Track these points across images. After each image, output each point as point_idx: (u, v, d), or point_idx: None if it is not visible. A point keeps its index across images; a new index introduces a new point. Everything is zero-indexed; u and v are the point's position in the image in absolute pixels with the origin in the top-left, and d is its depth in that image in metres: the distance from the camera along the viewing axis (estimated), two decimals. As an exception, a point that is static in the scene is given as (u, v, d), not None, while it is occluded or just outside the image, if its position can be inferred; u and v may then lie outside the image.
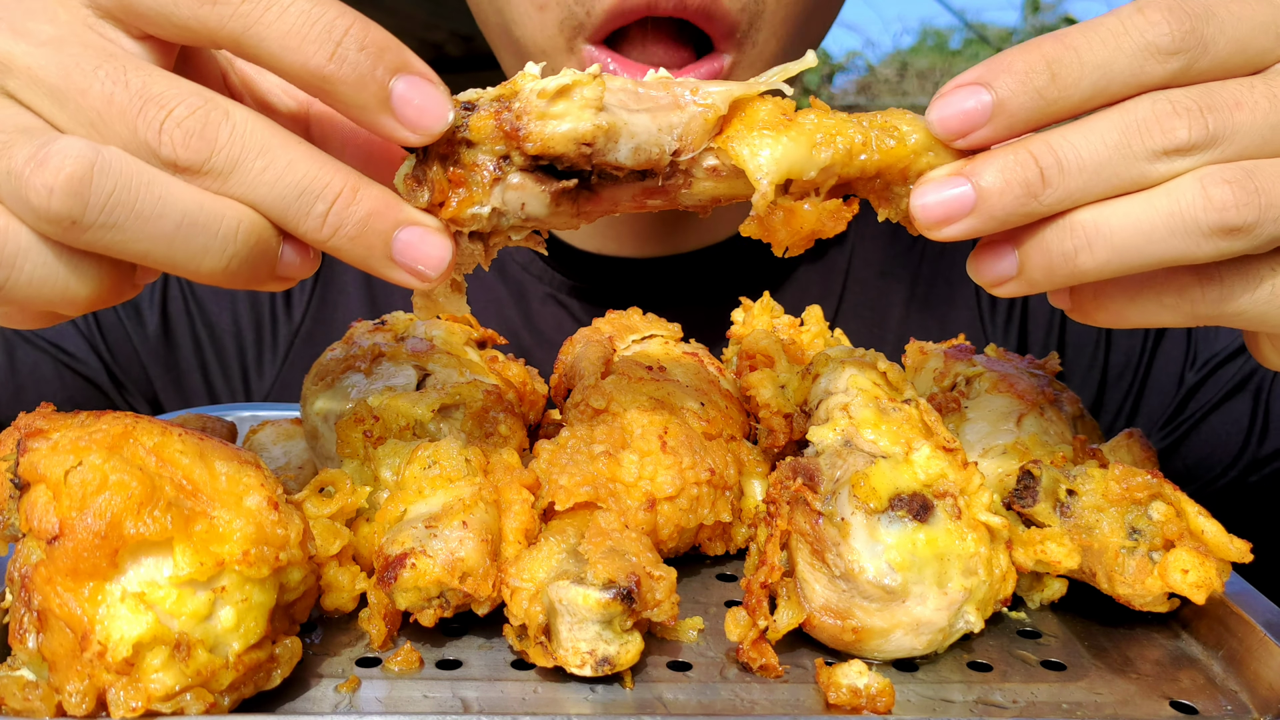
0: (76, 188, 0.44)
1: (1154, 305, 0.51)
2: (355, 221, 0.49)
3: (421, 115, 0.48)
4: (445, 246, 0.50)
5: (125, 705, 0.45)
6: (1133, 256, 0.48)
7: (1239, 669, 0.56)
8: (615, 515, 0.59)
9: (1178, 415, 1.06)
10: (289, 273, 0.51)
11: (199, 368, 1.11)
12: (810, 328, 0.77)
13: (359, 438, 0.63)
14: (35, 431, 0.50)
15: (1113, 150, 0.48)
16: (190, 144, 0.46)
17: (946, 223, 0.50)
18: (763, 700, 0.52)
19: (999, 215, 0.49)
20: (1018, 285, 0.51)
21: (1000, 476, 0.65)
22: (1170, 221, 0.47)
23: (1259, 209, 0.46)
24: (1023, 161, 0.48)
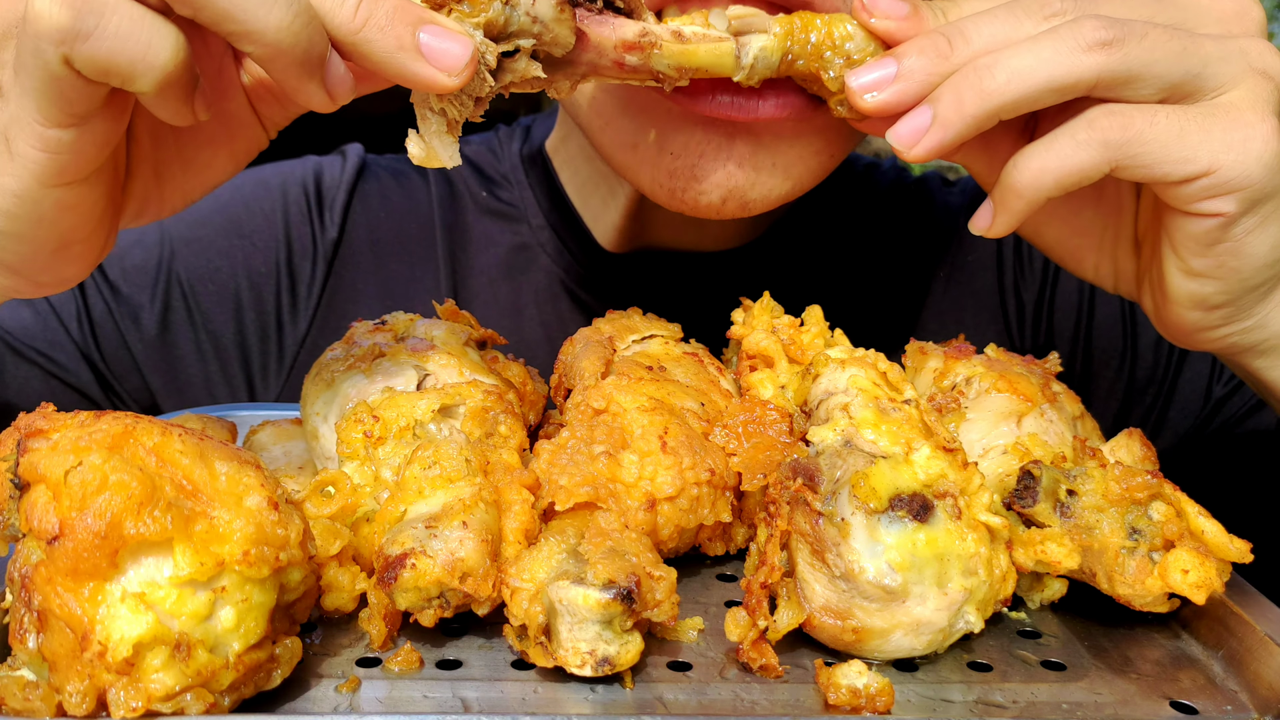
0: None
1: (1068, 143, 0.58)
2: (384, 12, 0.53)
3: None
4: (467, 44, 0.55)
5: (125, 705, 0.45)
6: (1029, 77, 0.58)
7: (1239, 669, 0.56)
8: (615, 515, 0.59)
9: (1204, 429, 1.05)
10: (335, 80, 0.55)
11: (201, 377, 1.08)
12: (810, 328, 0.77)
13: (359, 438, 0.63)
14: (35, 431, 0.50)
15: (1003, 22, 0.60)
16: None
17: (876, 89, 0.62)
18: (763, 700, 0.52)
19: (919, 77, 0.60)
20: (933, 134, 0.60)
21: (1000, 476, 0.65)
22: (1053, 44, 0.57)
23: (1123, 30, 0.57)
24: (934, 38, 0.61)
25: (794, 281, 1.11)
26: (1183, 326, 0.65)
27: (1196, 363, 1.07)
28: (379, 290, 1.12)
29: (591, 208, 1.09)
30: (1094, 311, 1.09)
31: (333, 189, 1.13)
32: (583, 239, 1.09)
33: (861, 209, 1.16)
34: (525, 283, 1.11)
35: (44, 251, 0.60)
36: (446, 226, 1.12)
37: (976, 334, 1.10)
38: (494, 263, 1.12)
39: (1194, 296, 0.63)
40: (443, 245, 1.12)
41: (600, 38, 0.61)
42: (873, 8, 0.63)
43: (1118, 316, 1.09)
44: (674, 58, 0.63)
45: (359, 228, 1.13)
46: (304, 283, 1.10)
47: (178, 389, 1.09)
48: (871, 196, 1.16)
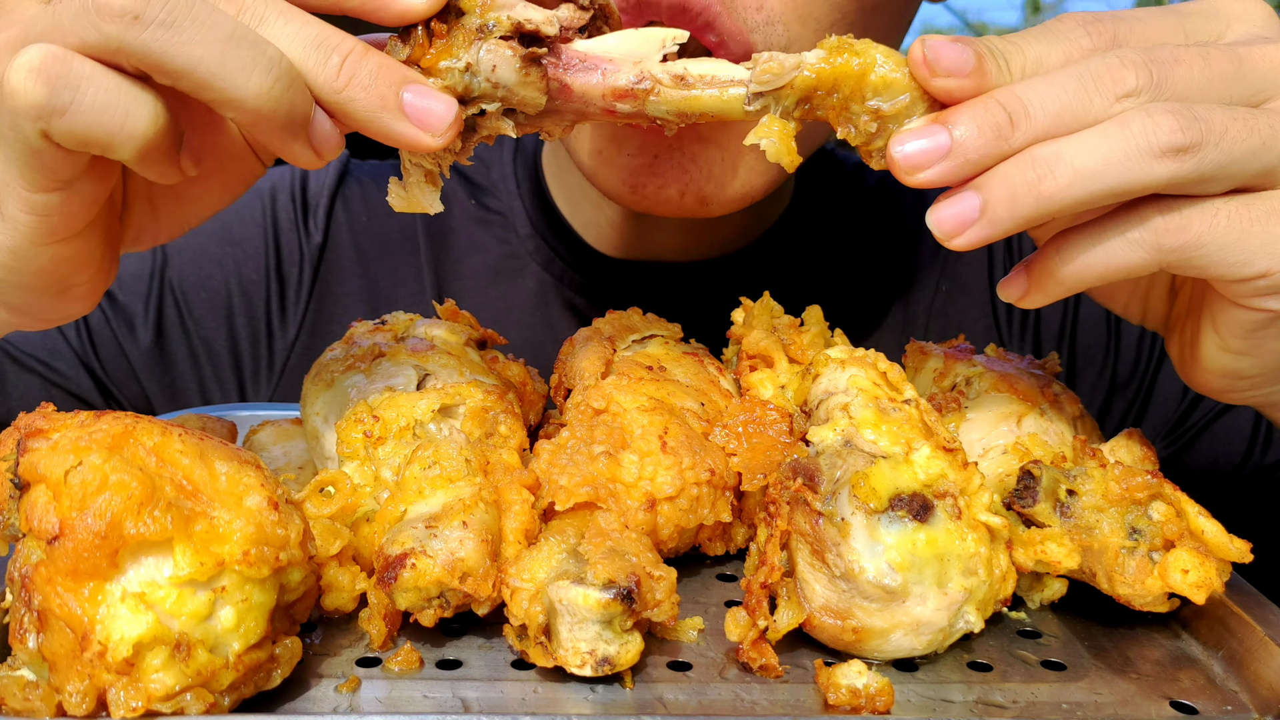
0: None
1: (1118, 241, 0.54)
2: (368, 72, 0.53)
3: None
4: (450, 104, 0.54)
5: (125, 705, 0.45)
6: (1091, 181, 0.52)
7: (1239, 669, 0.56)
8: (615, 515, 0.59)
9: (1182, 423, 1.06)
10: (321, 138, 0.54)
11: (196, 382, 1.10)
12: (810, 328, 0.77)
13: (359, 438, 0.63)
14: (35, 431, 0.50)
15: (1072, 96, 0.53)
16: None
17: (924, 167, 0.54)
18: (763, 700, 0.52)
19: (972, 156, 0.53)
20: (979, 228, 0.54)
21: (1000, 476, 0.65)
22: (1123, 144, 0.52)
23: (1201, 132, 0.51)
24: (992, 108, 0.53)
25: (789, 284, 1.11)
26: (1208, 387, 0.63)
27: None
28: (364, 294, 1.13)
29: (583, 214, 1.10)
30: (1079, 308, 1.11)
31: (317, 194, 1.14)
32: (574, 246, 1.10)
33: (853, 209, 1.16)
34: (514, 288, 1.12)
35: (46, 295, 0.60)
36: (430, 232, 1.13)
37: (966, 329, 1.12)
38: (481, 268, 1.13)
39: (1227, 369, 0.60)
40: (426, 250, 1.13)
41: (585, 87, 0.57)
42: (936, 63, 0.54)
43: (1103, 314, 1.10)
44: (673, 104, 0.57)
45: (342, 232, 1.14)
46: (292, 288, 1.12)
47: (173, 395, 1.10)
48: (861, 196, 1.17)
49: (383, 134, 0.54)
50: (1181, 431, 1.05)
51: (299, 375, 1.08)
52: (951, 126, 0.53)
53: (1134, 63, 0.53)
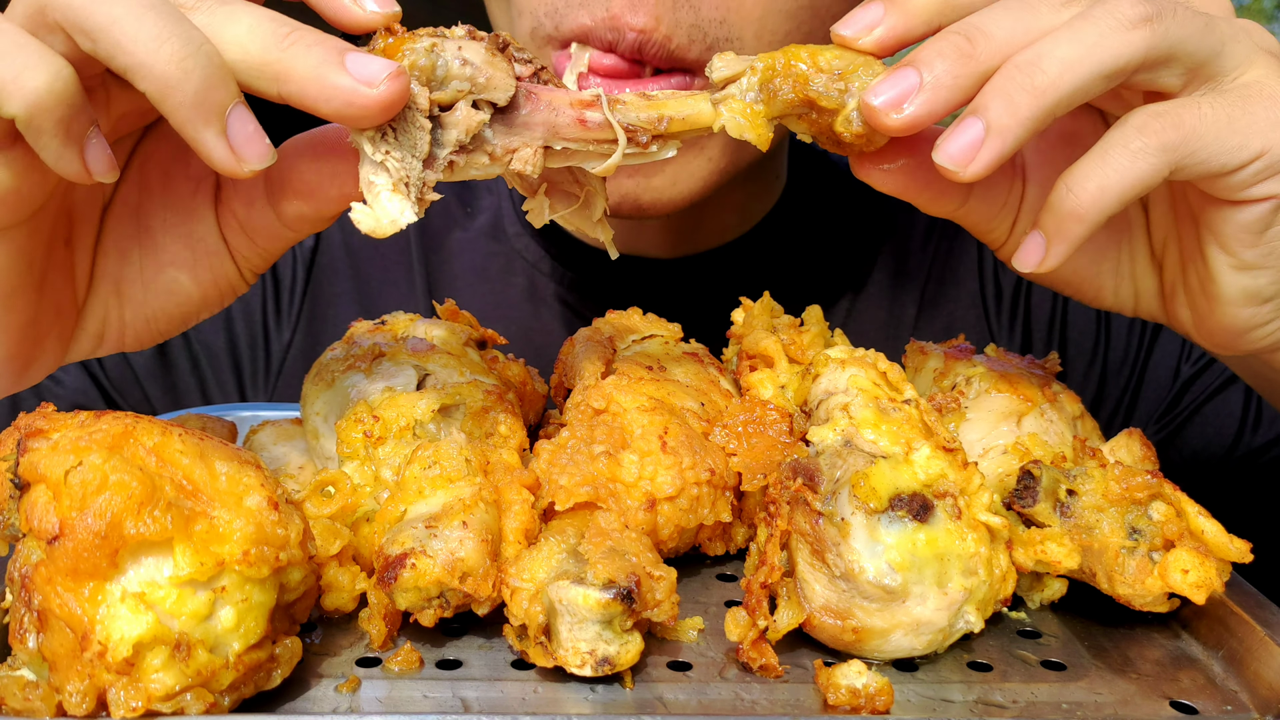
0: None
1: (1125, 156, 0.54)
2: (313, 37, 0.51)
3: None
4: (392, 65, 0.52)
5: (125, 705, 0.45)
6: (1079, 68, 0.52)
7: (1239, 669, 0.56)
8: (615, 515, 0.59)
9: (1174, 408, 1.07)
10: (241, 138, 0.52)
11: (197, 386, 1.11)
12: (810, 328, 0.77)
13: (359, 438, 0.63)
14: (35, 431, 0.50)
15: (1017, 14, 0.54)
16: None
17: (900, 104, 0.53)
18: (763, 700, 0.52)
19: (945, 81, 0.53)
20: (990, 146, 0.53)
21: (1000, 476, 0.65)
22: (1095, 28, 0.52)
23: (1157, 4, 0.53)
24: (947, 36, 0.54)
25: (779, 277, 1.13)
26: (1234, 327, 0.62)
27: (1166, 343, 1.09)
28: (356, 295, 1.14)
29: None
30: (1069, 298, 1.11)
31: None
32: (563, 244, 1.12)
33: (841, 202, 1.17)
34: (505, 286, 1.13)
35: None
36: (420, 232, 1.15)
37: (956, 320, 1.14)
38: (471, 268, 1.14)
39: (1247, 291, 0.59)
40: (417, 250, 1.14)
41: (552, 96, 0.57)
42: (849, 23, 0.56)
43: None
44: (641, 109, 0.58)
45: (334, 234, 1.15)
46: (286, 291, 1.13)
47: (174, 399, 1.12)
48: (850, 190, 1.18)
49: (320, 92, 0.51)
50: (1173, 416, 1.06)
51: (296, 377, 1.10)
52: (918, 64, 0.54)
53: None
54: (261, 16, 0.51)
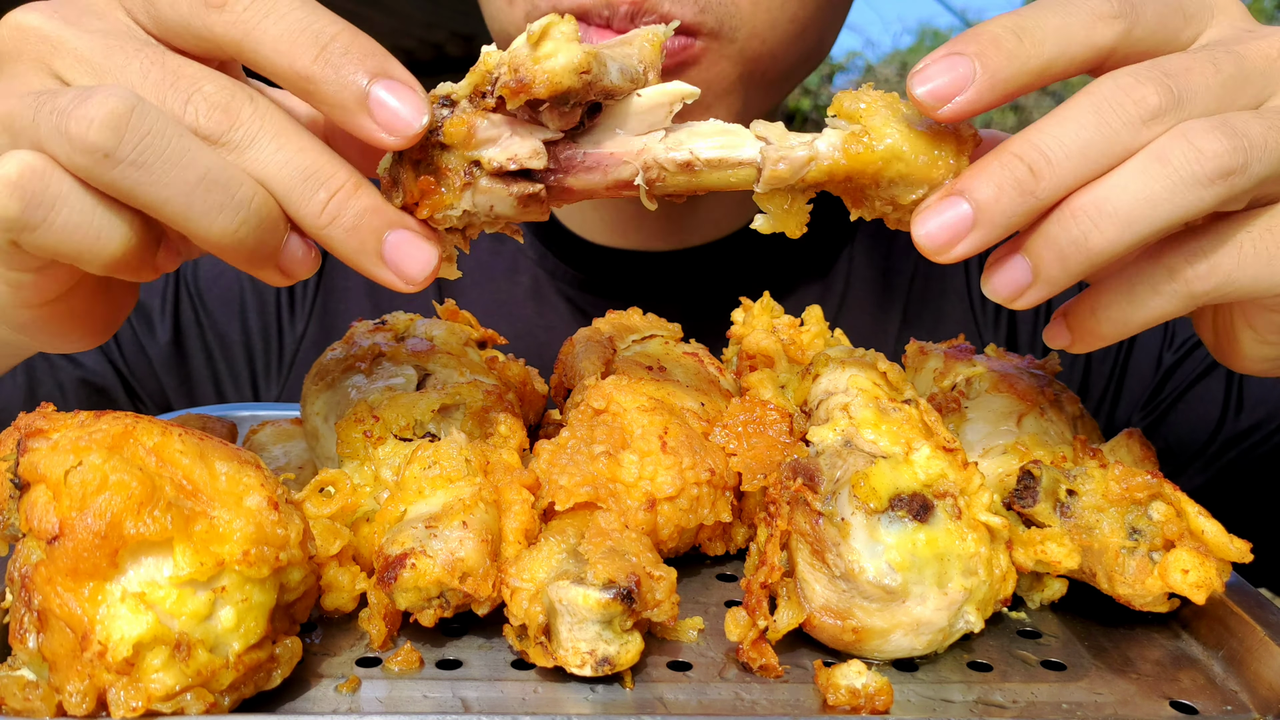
0: (115, 123, 0.47)
1: (1151, 295, 0.52)
2: (353, 213, 0.52)
3: (395, 118, 0.51)
4: (431, 252, 0.53)
5: (125, 705, 0.45)
6: (1141, 225, 0.49)
7: (1239, 669, 0.56)
8: (615, 515, 0.59)
9: (1156, 395, 1.08)
10: (291, 264, 0.54)
11: (210, 377, 1.13)
12: (810, 328, 0.77)
13: (359, 438, 0.63)
14: (35, 431, 0.50)
15: (1092, 130, 0.49)
16: (213, 115, 0.50)
17: (954, 243, 0.51)
18: (763, 700, 0.52)
19: (1000, 221, 0.50)
20: (1036, 290, 0.52)
21: (1000, 476, 0.65)
22: (1167, 180, 0.48)
23: (1246, 150, 0.48)
24: (1008, 163, 0.50)
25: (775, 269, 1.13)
26: (1249, 369, 0.62)
27: (1148, 332, 1.10)
28: (367, 288, 1.15)
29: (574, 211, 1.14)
30: None
31: None
32: (566, 242, 1.13)
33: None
34: (511, 284, 1.15)
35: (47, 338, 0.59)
36: None
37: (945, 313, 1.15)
38: (477, 266, 1.16)
39: (1266, 357, 0.59)
40: None
41: (588, 185, 0.56)
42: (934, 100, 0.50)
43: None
44: (681, 186, 0.56)
45: None
46: (300, 283, 1.13)
47: (189, 390, 1.13)
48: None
49: (361, 272, 0.54)
50: (1157, 403, 1.07)
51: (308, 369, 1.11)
52: (969, 193, 0.50)
53: (1150, 78, 0.50)
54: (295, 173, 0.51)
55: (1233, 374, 1.03)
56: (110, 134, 0.47)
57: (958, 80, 0.50)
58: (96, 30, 0.52)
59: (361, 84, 0.50)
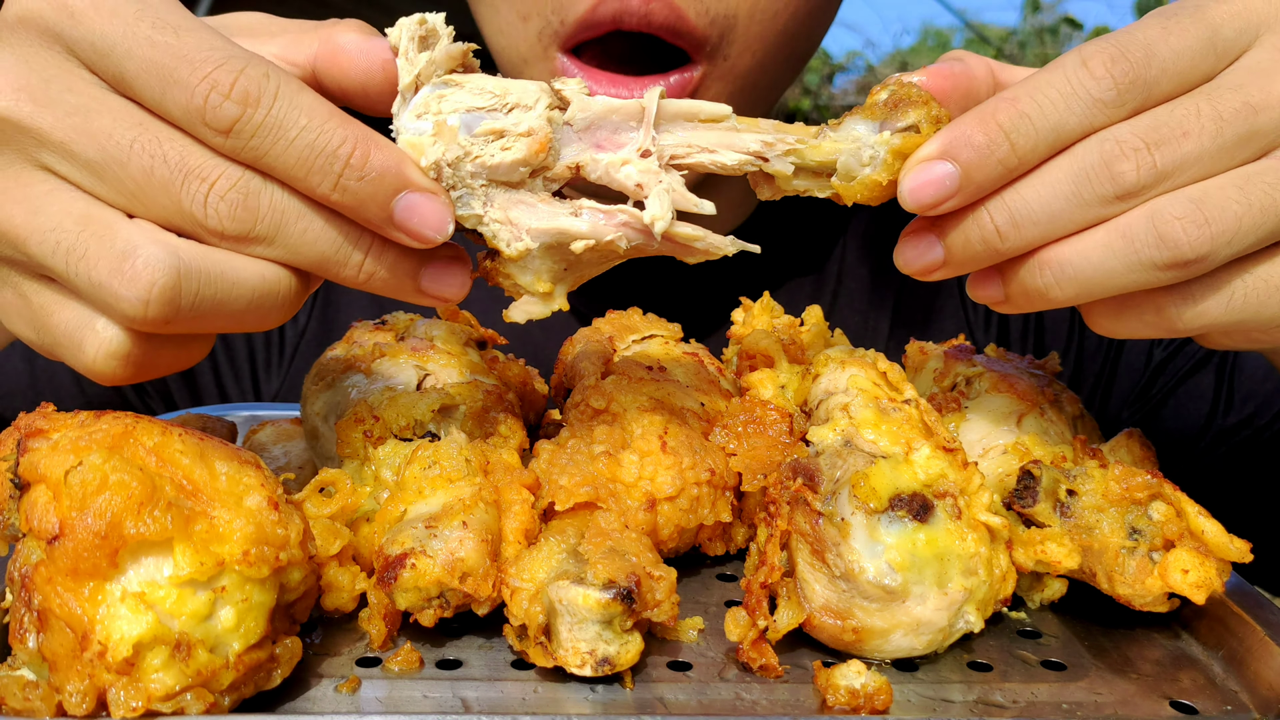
0: (170, 297, 0.48)
1: (1137, 323, 0.54)
2: (388, 267, 0.54)
3: (422, 229, 0.52)
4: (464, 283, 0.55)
5: (125, 705, 0.45)
6: (1098, 289, 0.52)
7: (1239, 669, 0.56)
8: (615, 515, 0.59)
9: (1148, 391, 1.08)
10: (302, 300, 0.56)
11: (212, 371, 1.13)
12: (810, 328, 0.77)
13: (359, 438, 0.63)
14: (35, 431, 0.50)
15: (1064, 201, 0.51)
16: (235, 215, 0.49)
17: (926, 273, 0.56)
18: (763, 700, 0.52)
19: (966, 265, 0.55)
20: (1008, 305, 0.56)
21: (1000, 476, 0.65)
22: (1127, 260, 0.50)
23: (1210, 239, 0.49)
24: (981, 221, 0.53)
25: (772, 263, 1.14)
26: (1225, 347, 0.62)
27: None
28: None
29: None
30: None
31: None
32: None
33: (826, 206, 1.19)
34: None
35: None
36: None
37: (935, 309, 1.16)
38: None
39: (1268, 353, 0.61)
40: None
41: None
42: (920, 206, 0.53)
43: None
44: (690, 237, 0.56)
45: None
46: None
47: (190, 385, 1.13)
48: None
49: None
50: (1148, 398, 1.08)
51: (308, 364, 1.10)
52: (943, 234, 0.54)
53: (1134, 150, 0.50)
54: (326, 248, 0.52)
55: (1223, 369, 1.04)
56: (166, 309, 0.48)
57: (943, 194, 0.53)
58: (75, 111, 0.48)
59: (383, 205, 0.51)
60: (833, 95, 8.74)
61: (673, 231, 0.54)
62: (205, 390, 1.13)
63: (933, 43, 10.48)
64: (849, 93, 8.99)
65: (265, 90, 0.48)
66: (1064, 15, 9.45)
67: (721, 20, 0.90)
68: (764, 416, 0.67)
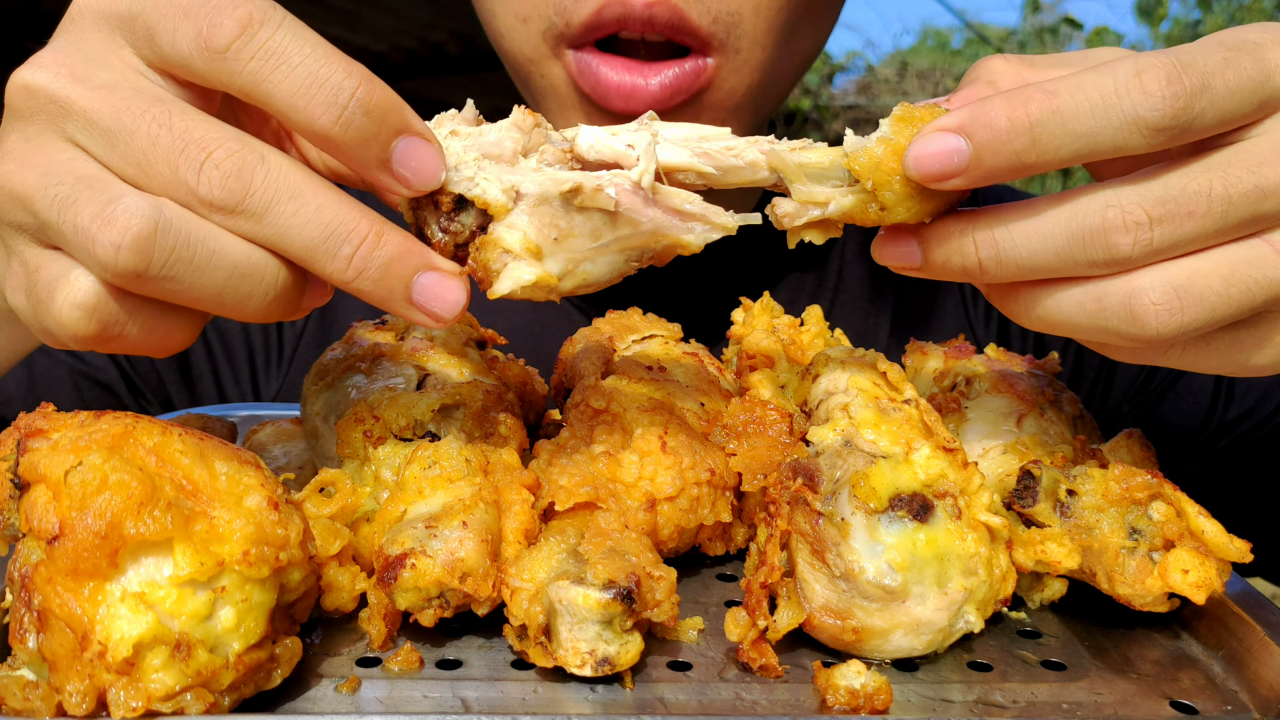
0: (142, 245, 0.48)
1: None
2: (378, 265, 0.52)
3: (417, 174, 0.52)
4: (460, 290, 0.53)
5: (125, 705, 0.45)
6: (1060, 330, 0.53)
7: (1239, 669, 0.56)
8: (615, 515, 0.59)
9: (1147, 385, 1.09)
10: (311, 304, 0.55)
11: (210, 373, 1.13)
12: (810, 328, 0.77)
13: (359, 438, 0.63)
14: (35, 431, 0.50)
15: (1054, 255, 0.51)
16: (227, 185, 0.49)
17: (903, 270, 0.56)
18: (763, 700, 0.52)
19: (939, 275, 0.55)
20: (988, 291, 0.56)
21: (1000, 476, 0.65)
22: (1095, 321, 0.51)
23: (1179, 327, 0.49)
24: (965, 251, 0.53)
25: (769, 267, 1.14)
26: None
27: None
28: None
29: None
30: None
31: None
32: None
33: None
34: None
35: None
36: None
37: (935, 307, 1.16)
38: None
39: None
40: None
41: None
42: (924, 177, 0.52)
43: None
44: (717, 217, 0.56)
45: None
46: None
47: (188, 386, 1.13)
48: None
49: (393, 314, 0.55)
50: (1147, 393, 1.08)
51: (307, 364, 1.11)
52: (926, 249, 0.54)
53: (1136, 225, 0.49)
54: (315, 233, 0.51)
55: None
56: (139, 257, 0.48)
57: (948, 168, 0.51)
58: (104, 86, 0.50)
59: (383, 145, 0.50)
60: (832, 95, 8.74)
61: (664, 191, 0.53)
62: (204, 391, 1.13)
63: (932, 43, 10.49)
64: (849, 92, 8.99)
65: (270, 18, 0.49)
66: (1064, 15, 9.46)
67: (725, 17, 0.90)
68: (764, 417, 0.67)
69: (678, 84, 0.92)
